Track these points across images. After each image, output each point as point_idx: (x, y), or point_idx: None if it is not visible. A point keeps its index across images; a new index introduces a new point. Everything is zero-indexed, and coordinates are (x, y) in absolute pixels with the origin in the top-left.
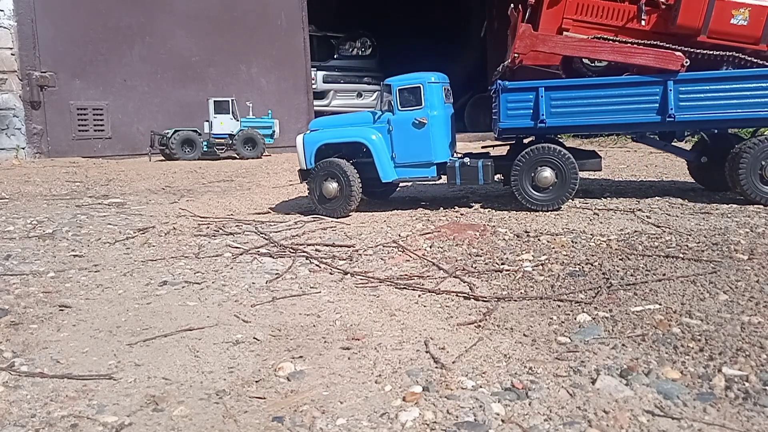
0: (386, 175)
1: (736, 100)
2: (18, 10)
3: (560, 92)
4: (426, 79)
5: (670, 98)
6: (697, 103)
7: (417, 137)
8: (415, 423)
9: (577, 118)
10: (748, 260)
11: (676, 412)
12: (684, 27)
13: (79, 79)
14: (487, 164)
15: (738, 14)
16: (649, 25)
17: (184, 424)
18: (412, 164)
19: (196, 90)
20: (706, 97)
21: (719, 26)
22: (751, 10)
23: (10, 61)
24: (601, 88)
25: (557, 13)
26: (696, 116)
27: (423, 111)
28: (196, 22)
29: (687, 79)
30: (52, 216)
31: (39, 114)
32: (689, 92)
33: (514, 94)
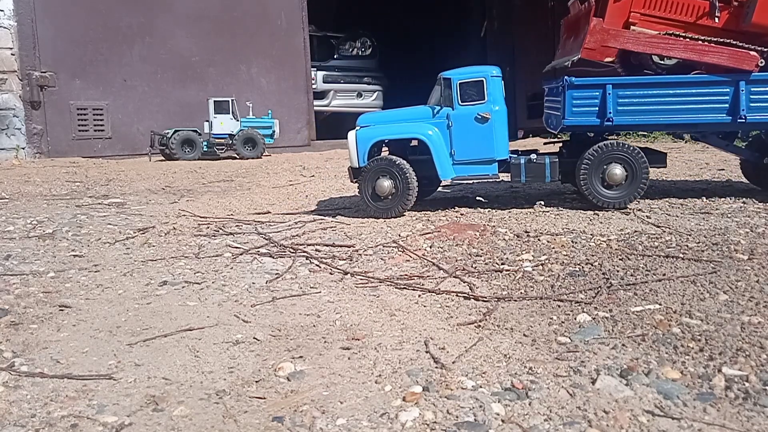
0: (445, 173)
1: None
2: (18, 10)
3: (629, 90)
4: (489, 72)
5: (742, 99)
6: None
7: (479, 133)
8: (415, 423)
9: (645, 117)
10: (748, 260)
11: (676, 412)
12: (759, 25)
13: (79, 79)
14: (554, 161)
15: None
16: (721, 23)
17: (184, 424)
18: (473, 161)
19: (196, 90)
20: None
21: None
22: None
23: (10, 61)
24: (671, 87)
25: (624, 6)
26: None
27: (486, 106)
28: (196, 22)
29: (760, 80)
30: (52, 216)
31: (39, 114)
32: (762, 93)
33: (580, 90)
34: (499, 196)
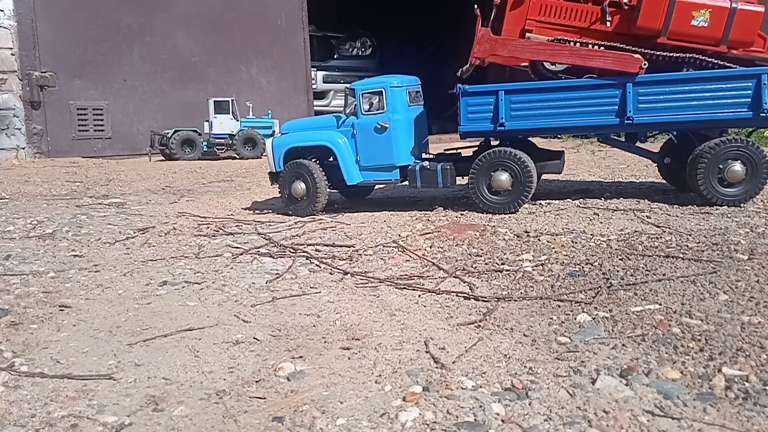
0: (351, 178)
1: (695, 102)
2: (18, 10)
3: (520, 95)
4: (388, 83)
5: (629, 100)
6: (656, 105)
7: (380, 141)
8: (415, 423)
9: (536, 121)
10: (748, 260)
11: (676, 412)
12: (644, 28)
13: (79, 79)
14: (446, 168)
15: (699, 16)
16: (612, 27)
17: (184, 424)
18: (376, 167)
19: (196, 90)
20: (665, 99)
21: (680, 28)
22: (711, 12)
23: (10, 61)
24: (560, 91)
25: (521, 14)
26: (655, 118)
27: (385, 115)
28: (196, 22)
29: (645, 81)
30: (52, 216)
31: (39, 114)
32: (648, 94)
33: (474, 97)
34: None
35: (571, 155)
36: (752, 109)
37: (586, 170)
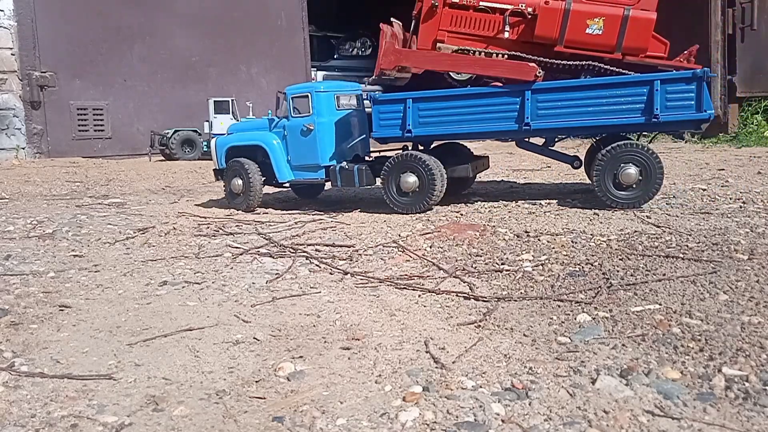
0: (282, 176)
1: (590, 108)
2: (18, 10)
3: (426, 103)
4: (315, 88)
5: (527, 107)
6: (553, 111)
7: (306, 142)
8: (415, 423)
9: (441, 128)
10: (748, 260)
11: (676, 412)
12: (542, 37)
13: (79, 79)
14: (362, 169)
15: (593, 24)
16: (515, 36)
17: (184, 424)
18: (304, 167)
19: (196, 90)
20: (561, 106)
21: (575, 36)
22: (605, 20)
23: (10, 61)
24: (464, 99)
25: (434, 25)
26: (552, 124)
27: (311, 118)
28: (196, 22)
29: (542, 89)
30: (52, 216)
31: (39, 114)
32: (545, 101)
33: (384, 105)
34: (499, 196)
35: None
36: (644, 115)
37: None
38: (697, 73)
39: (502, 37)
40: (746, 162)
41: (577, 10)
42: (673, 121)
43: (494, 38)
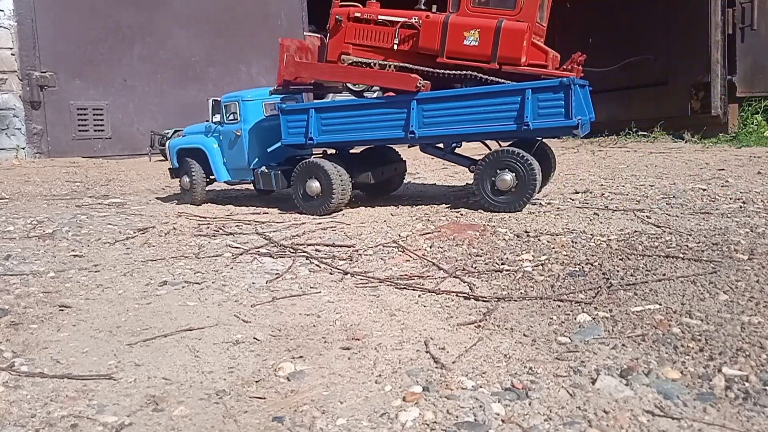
0: (220, 177)
1: (469, 116)
2: (18, 10)
3: (326, 113)
4: (242, 96)
5: (412, 116)
6: (436, 119)
7: (237, 147)
8: (415, 423)
9: (340, 135)
10: (748, 260)
11: (676, 412)
12: (426, 49)
13: (79, 79)
14: (278, 173)
15: (469, 36)
16: (407, 48)
17: (184, 424)
18: (237, 169)
19: (196, 90)
20: (443, 114)
21: (455, 47)
22: (480, 32)
23: (10, 61)
24: (359, 109)
25: (340, 38)
26: (435, 131)
27: (239, 125)
28: (196, 22)
29: (426, 99)
30: (52, 216)
31: (39, 114)
32: (428, 110)
33: (291, 115)
34: None
35: (571, 155)
36: (517, 122)
37: (586, 170)
38: (564, 81)
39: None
40: (746, 162)
41: (454, 22)
42: (544, 128)
43: (390, 50)
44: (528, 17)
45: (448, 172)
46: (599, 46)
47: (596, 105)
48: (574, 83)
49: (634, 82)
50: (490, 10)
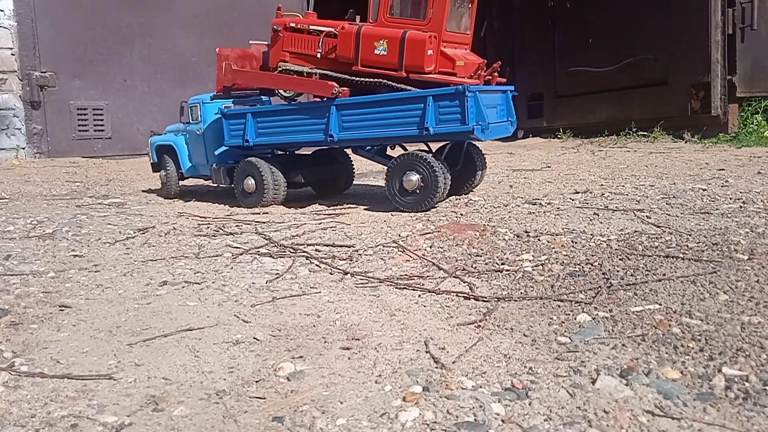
0: (186, 172)
1: (379, 121)
2: (18, 10)
3: (261, 117)
4: (203, 99)
5: (332, 120)
6: (350, 124)
7: (198, 145)
8: (415, 423)
9: (273, 138)
10: (748, 260)
11: (676, 412)
12: (343, 57)
13: (79, 79)
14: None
15: (379, 45)
16: (332, 56)
17: (184, 424)
18: (199, 165)
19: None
20: (357, 119)
21: (367, 56)
22: (388, 41)
23: (10, 61)
24: (288, 114)
25: (279, 47)
26: (351, 135)
27: (200, 125)
28: (196, 22)
29: (342, 105)
30: (52, 216)
31: (39, 114)
32: (345, 115)
33: (231, 119)
34: (498, 196)
35: (572, 155)
36: (419, 128)
37: (586, 170)
38: (459, 89)
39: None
40: (746, 162)
41: (365, 33)
42: (443, 133)
43: (316, 58)
44: (435, 27)
45: None
46: (599, 46)
47: (596, 105)
48: (470, 90)
49: (634, 82)
50: (404, 20)
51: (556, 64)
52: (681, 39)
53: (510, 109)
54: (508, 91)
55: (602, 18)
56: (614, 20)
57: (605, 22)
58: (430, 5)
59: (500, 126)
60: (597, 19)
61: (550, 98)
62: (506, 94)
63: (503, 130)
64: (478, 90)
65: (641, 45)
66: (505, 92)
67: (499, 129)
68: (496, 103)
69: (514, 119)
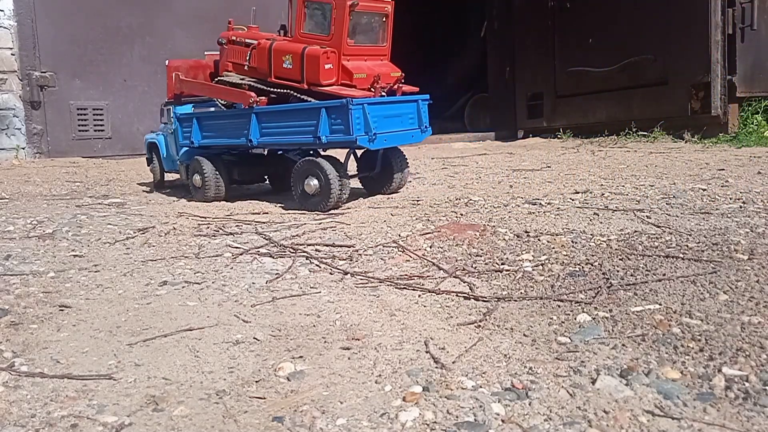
0: (167, 167)
1: (288, 128)
2: (18, 10)
3: (204, 121)
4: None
5: (252, 126)
6: (266, 130)
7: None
8: (415, 423)
9: (210, 140)
10: (748, 260)
11: (676, 412)
12: (261, 69)
13: (79, 79)
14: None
15: (286, 59)
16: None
17: (184, 424)
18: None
19: None
20: (271, 126)
21: (278, 69)
22: (292, 56)
23: (10, 61)
24: (222, 118)
25: (225, 58)
26: (265, 140)
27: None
28: (196, 22)
29: (258, 112)
30: (52, 216)
31: (39, 114)
32: (262, 122)
33: (183, 122)
34: (498, 196)
35: (571, 155)
36: (314, 136)
37: (586, 170)
38: (344, 102)
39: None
40: (746, 162)
41: (275, 48)
42: (333, 142)
43: (245, 69)
44: (335, 43)
45: (449, 173)
46: (599, 46)
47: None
48: (353, 104)
49: (634, 82)
50: (313, 36)
51: (556, 64)
52: (681, 39)
53: (421, 117)
54: (419, 100)
55: (602, 18)
56: (614, 20)
57: (605, 22)
58: (332, 22)
59: (403, 134)
60: (597, 19)
61: (550, 98)
62: (416, 103)
63: (408, 137)
64: (366, 102)
65: (641, 45)
66: (415, 102)
67: (402, 137)
68: (398, 112)
69: (426, 126)
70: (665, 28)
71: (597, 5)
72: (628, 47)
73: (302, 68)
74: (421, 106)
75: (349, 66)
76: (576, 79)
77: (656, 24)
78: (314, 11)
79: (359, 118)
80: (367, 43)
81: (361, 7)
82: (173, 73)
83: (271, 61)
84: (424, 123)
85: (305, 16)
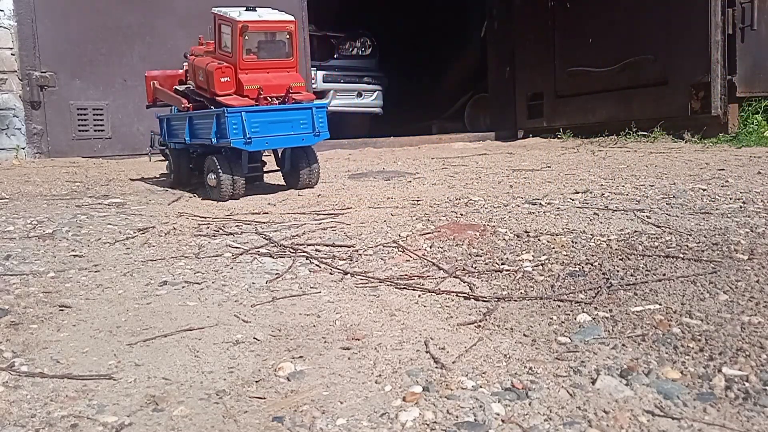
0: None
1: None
2: (18, 10)
3: (171, 122)
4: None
5: (186, 128)
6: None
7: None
8: (415, 423)
9: (175, 138)
10: (748, 260)
11: (676, 412)
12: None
13: (79, 79)
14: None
15: (200, 73)
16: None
17: (184, 424)
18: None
19: None
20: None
21: (197, 81)
22: (201, 71)
23: (10, 61)
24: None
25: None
26: (194, 140)
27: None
28: (196, 22)
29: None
30: (52, 216)
31: (39, 114)
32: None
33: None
34: (498, 196)
35: (571, 155)
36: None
37: (586, 170)
38: (222, 110)
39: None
40: (746, 162)
41: (194, 63)
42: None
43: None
44: (233, 60)
45: (449, 173)
46: (599, 46)
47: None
48: (229, 112)
49: (634, 82)
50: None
51: (556, 64)
52: (681, 39)
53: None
54: (314, 107)
55: (602, 18)
56: (614, 20)
57: (605, 22)
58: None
59: (292, 137)
60: (597, 19)
61: (550, 98)
62: (309, 110)
63: (298, 140)
64: (245, 110)
65: (641, 45)
66: (308, 109)
67: (289, 140)
68: (288, 118)
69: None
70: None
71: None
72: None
73: (208, 81)
74: (316, 113)
75: (243, 79)
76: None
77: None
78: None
79: (236, 123)
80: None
81: (254, 27)
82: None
83: (195, 75)
84: (318, 128)
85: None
